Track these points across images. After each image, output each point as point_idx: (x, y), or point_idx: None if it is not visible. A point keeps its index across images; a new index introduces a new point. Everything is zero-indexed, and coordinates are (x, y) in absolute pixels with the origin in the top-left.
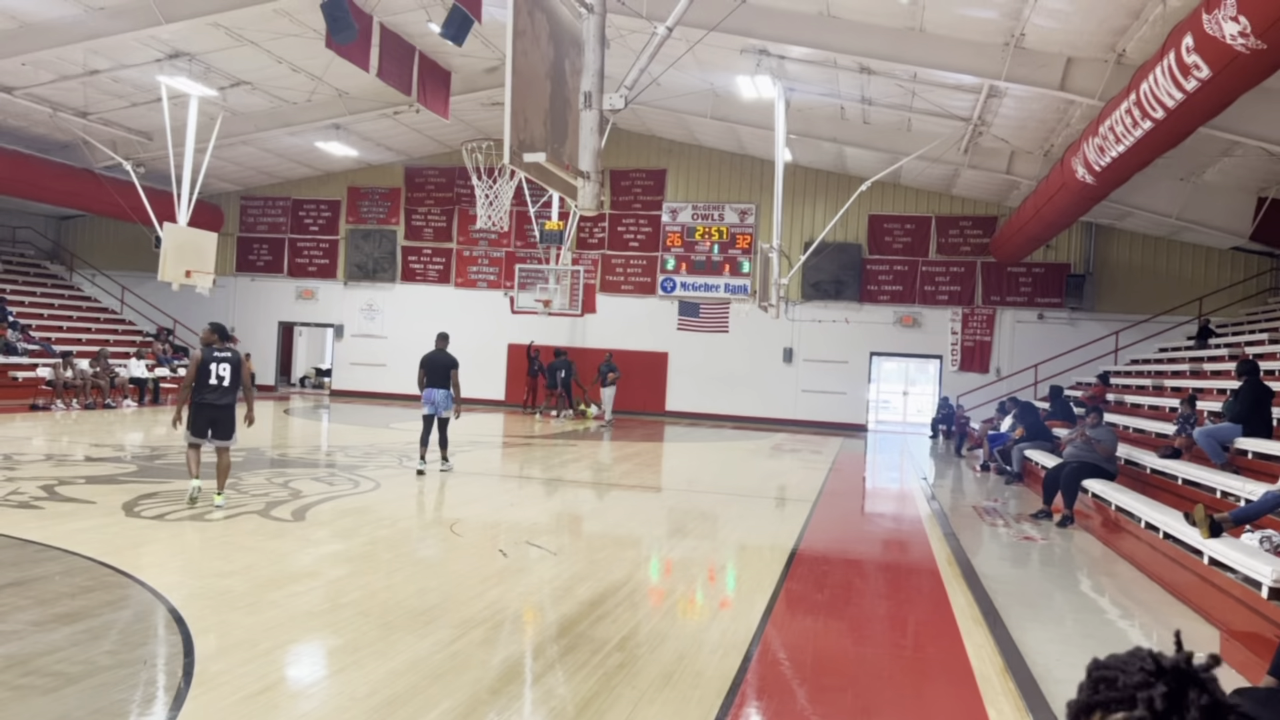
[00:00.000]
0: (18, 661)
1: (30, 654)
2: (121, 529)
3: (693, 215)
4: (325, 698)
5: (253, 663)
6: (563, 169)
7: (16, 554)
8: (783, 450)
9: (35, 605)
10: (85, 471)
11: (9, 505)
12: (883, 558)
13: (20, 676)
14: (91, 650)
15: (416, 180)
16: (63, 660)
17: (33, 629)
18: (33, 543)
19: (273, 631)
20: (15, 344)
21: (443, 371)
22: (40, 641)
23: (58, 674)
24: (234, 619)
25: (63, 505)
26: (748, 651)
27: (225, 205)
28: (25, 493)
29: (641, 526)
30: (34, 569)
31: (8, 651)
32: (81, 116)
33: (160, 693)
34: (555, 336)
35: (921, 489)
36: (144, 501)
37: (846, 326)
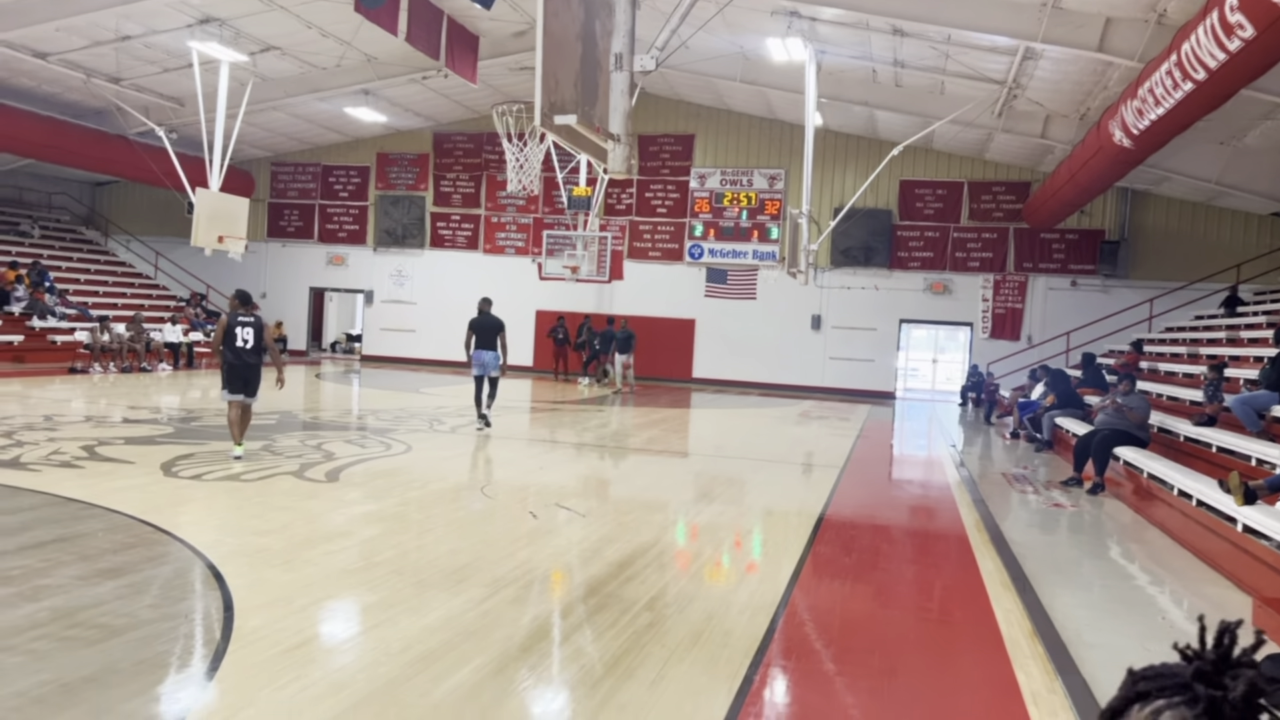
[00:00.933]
0: (64, 614)
1: (75, 607)
2: (160, 488)
3: (721, 181)
4: (360, 652)
5: (290, 618)
6: (593, 132)
7: (59, 511)
8: (810, 417)
9: (79, 561)
10: (123, 433)
11: (51, 464)
12: (911, 523)
13: (66, 628)
14: (134, 604)
15: (445, 146)
16: (107, 613)
17: (77, 583)
18: (75, 500)
19: (309, 588)
20: (53, 308)
21: (491, 334)
22: (85, 595)
23: (102, 626)
24: (271, 576)
25: (103, 465)
26: (775, 613)
27: (256, 171)
28: (66, 453)
29: (669, 491)
30: (77, 526)
31: (54, 604)
32: (114, 82)
33: (200, 645)
34: (582, 303)
35: (950, 456)
36: (181, 462)
37: (876, 293)
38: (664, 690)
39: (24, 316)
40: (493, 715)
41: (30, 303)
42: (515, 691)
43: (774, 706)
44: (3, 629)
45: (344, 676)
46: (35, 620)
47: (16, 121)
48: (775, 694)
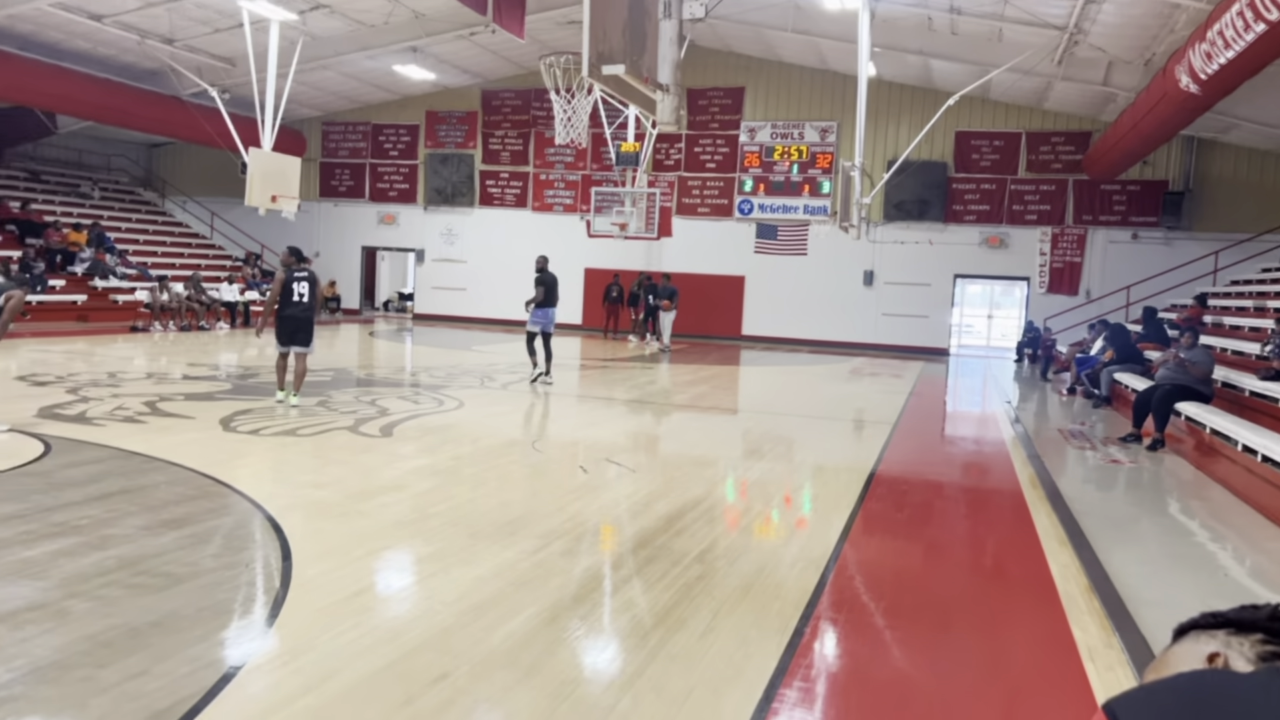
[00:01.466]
0: (130, 562)
1: (141, 556)
2: (220, 442)
3: (771, 134)
4: (415, 601)
5: (346, 568)
6: (641, 82)
7: (124, 464)
8: (862, 374)
9: (144, 511)
10: (184, 389)
11: (115, 420)
12: (964, 480)
13: (133, 576)
14: (197, 554)
15: (493, 103)
16: (171, 562)
17: (142, 533)
18: (139, 454)
19: (364, 539)
20: (114, 268)
21: (556, 291)
22: (149, 545)
23: (167, 575)
24: (327, 527)
25: (164, 420)
26: (826, 567)
27: (308, 131)
28: (129, 408)
29: (718, 447)
30: (141, 478)
31: (120, 553)
32: (168, 43)
33: (260, 593)
34: (631, 260)
35: (1005, 413)
36: (239, 417)
37: (930, 248)
38: (714, 641)
39: (87, 277)
40: (545, 663)
41: (92, 263)
42: (567, 640)
43: (824, 659)
44: (73, 576)
45: (399, 624)
46: (103, 568)
47: (74, 84)
48: (826, 646)
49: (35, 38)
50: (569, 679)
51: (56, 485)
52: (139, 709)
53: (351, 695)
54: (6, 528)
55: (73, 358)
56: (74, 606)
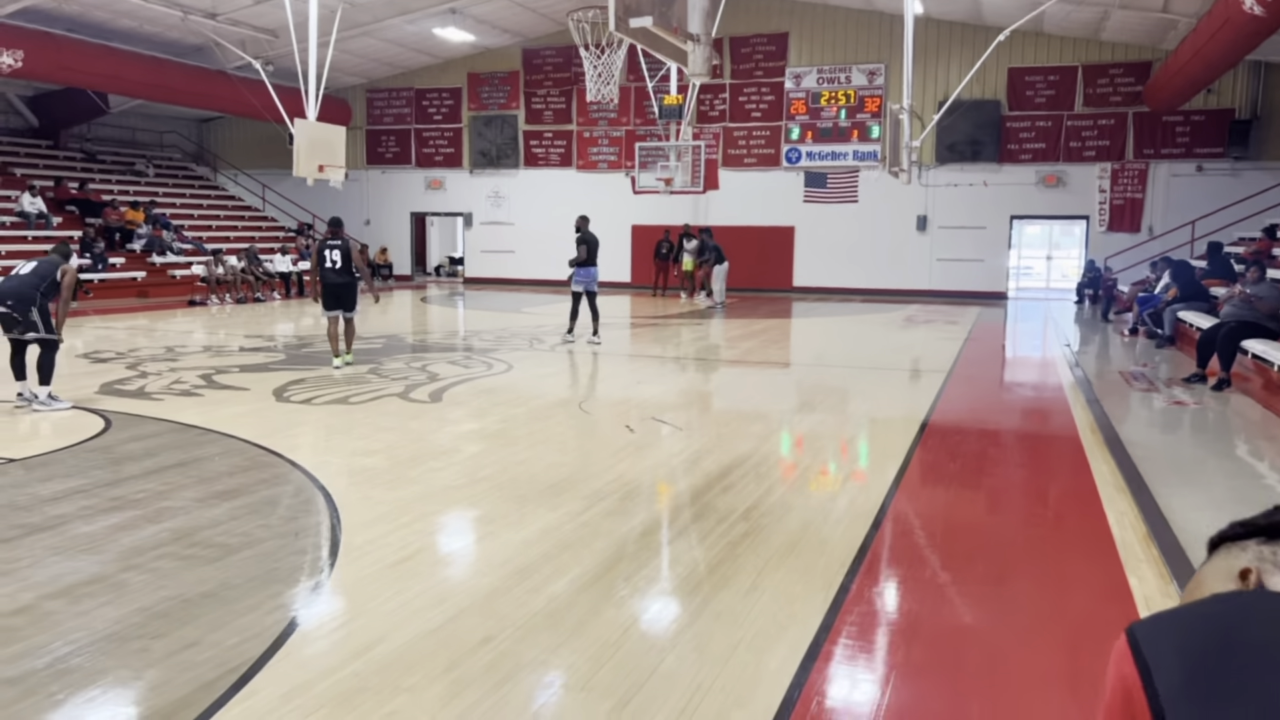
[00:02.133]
0: (184, 534)
1: (195, 527)
2: (273, 413)
3: (818, 80)
4: (462, 565)
5: (395, 534)
6: (671, 33)
7: (180, 437)
8: (916, 322)
9: (198, 483)
10: (239, 361)
11: (173, 393)
12: (1020, 427)
13: (187, 548)
14: (249, 524)
15: (534, 62)
16: (224, 533)
17: (196, 505)
18: (194, 427)
19: (413, 505)
20: (171, 244)
21: (597, 250)
22: (203, 516)
23: (220, 545)
24: (377, 494)
25: (220, 392)
26: (875, 520)
27: (352, 99)
28: (186, 381)
29: (768, 401)
30: (196, 450)
31: (175, 525)
32: (210, 18)
33: (310, 561)
34: (677, 215)
35: (1064, 356)
36: (293, 387)
37: (984, 189)
38: (759, 598)
39: (145, 253)
40: (589, 624)
41: (149, 240)
42: (612, 601)
43: (872, 613)
44: (130, 549)
45: (446, 589)
46: (158, 540)
47: (122, 62)
48: (874, 601)
49: (82, 19)
50: (611, 640)
51: (115, 460)
52: (191, 679)
53: (397, 661)
54: (68, 503)
55: (134, 334)
56: (130, 579)
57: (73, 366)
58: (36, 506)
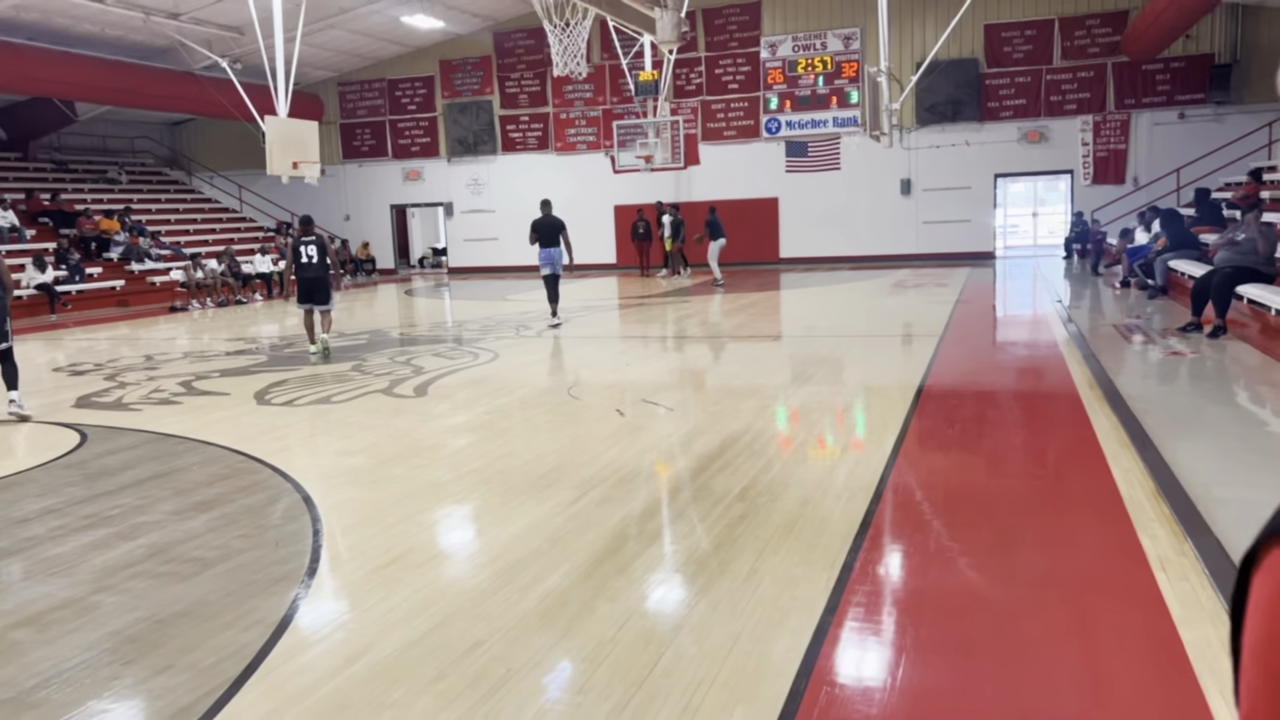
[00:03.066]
0: (159, 550)
1: (170, 542)
2: (254, 417)
3: (793, 48)
4: (449, 565)
5: (379, 537)
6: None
7: (158, 448)
8: (905, 286)
9: (175, 495)
10: (220, 365)
11: (151, 402)
12: (1017, 386)
13: (161, 565)
14: (226, 535)
15: (506, 46)
16: (200, 546)
17: (173, 518)
18: (173, 436)
19: (397, 505)
20: (149, 250)
21: (552, 233)
22: (179, 530)
23: (195, 560)
24: (359, 495)
25: (199, 399)
26: (876, 492)
27: (324, 94)
28: (165, 390)
29: (759, 376)
30: (174, 461)
31: (150, 541)
32: (173, 18)
33: (290, 571)
34: (660, 193)
35: (1057, 312)
36: (274, 390)
37: (967, 149)
38: (760, 583)
39: (123, 261)
40: (583, 622)
41: (126, 248)
42: (605, 595)
43: (878, 591)
44: (102, 569)
45: (431, 593)
46: (132, 558)
47: (85, 68)
48: (879, 578)
49: (43, 25)
50: (606, 638)
51: (90, 476)
52: (165, 706)
53: (382, 674)
54: (39, 524)
55: (115, 344)
56: (101, 601)
57: (49, 380)
58: (6, 529)
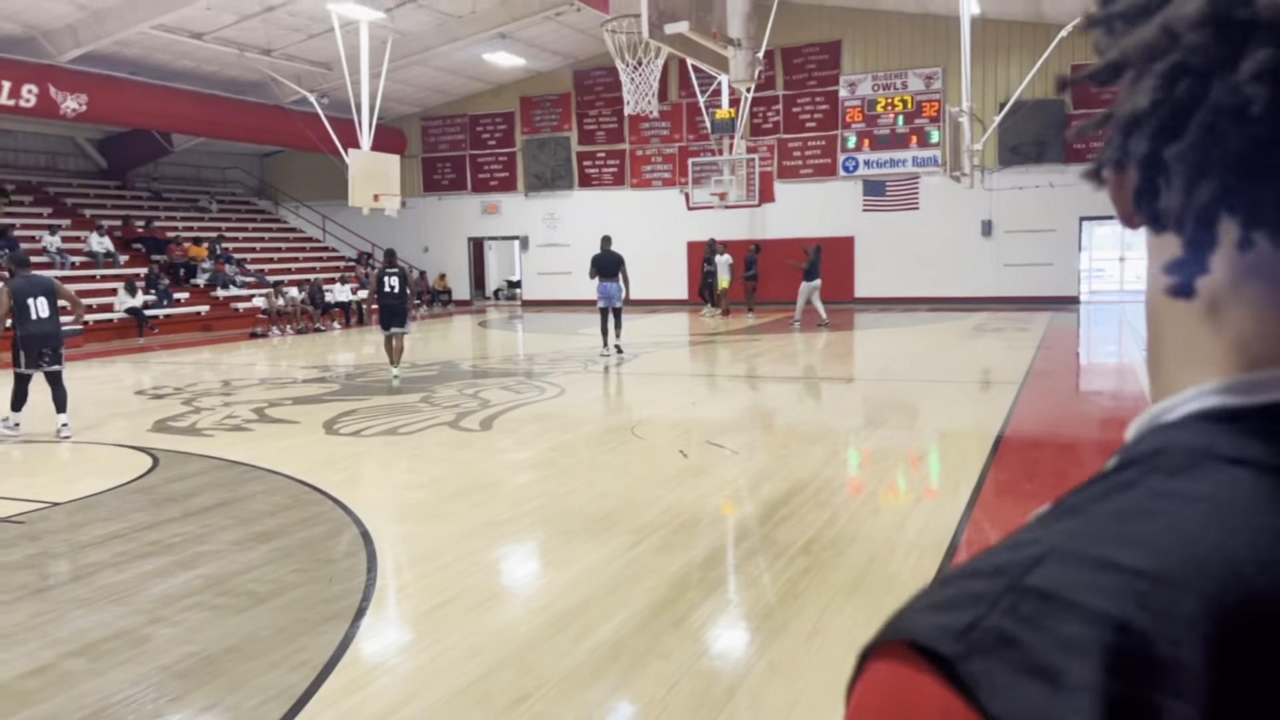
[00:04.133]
0: (215, 581)
1: (227, 573)
2: (321, 447)
3: (873, 87)
4: (499, 611)
5: (433, 575)
6: (709, 38)
7: (225, 475)
8: (984, 330)
9: (236, 525)
10: (293, 393)
11: (223, 429)
12: (1101, 439)
13: (216, 596)
14: (282, 569)
15: (585, 83)
16: (255, 579)
17: (232, 548)
18: (240, 464)
19: (455, 543)
20: (234, 277)
21: (613, 268)
22: (237, 561)
23: (249, 593)
24: (419, 531)
25: (270, 426)
26: (948, 551)
27: (407, 128)
28: (239, 416)
29: (831, 419)
30: (239, 489)
31: (207, 572)
32: (265, 54)
33: (342, 610)
34: (734, 230)
35: (1143, 362)
36: (343, 419)
37: (1051, 191)
38: (820, 645)
39: (209, 288)
40: (633, 680)
41: (213, 274)
42: (658, 651)
43: None
44: (159, 599)
45: (481, 639)
46: (189, 589)
47: (183, 102)
48: None
49: (143, 61)
50: (656, 699)
51: (157, 501)
52: None
53: None
54: (103, 549)
55: (198, 368)
56: (155, 633)
57: (133, 403)
58: (71, 554)
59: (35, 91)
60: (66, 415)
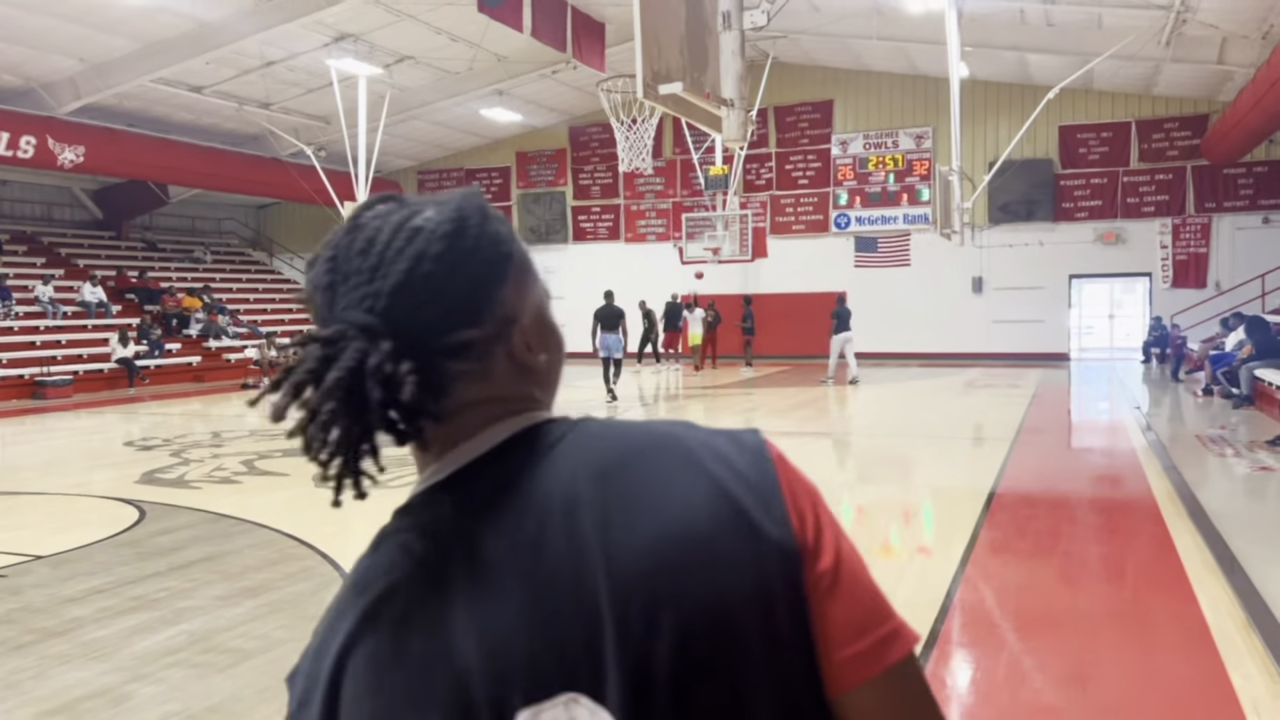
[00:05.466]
0: (200, 638)
1: (212, 630)
2: (310, 500)
3: (864, 145)
4: None
5: None
6: (703, 98)
7: (211, 529)
8: (976, 386)
9: (222, 579)
10: (283, 445)
11: (212, 481)
12: (1094, 496)
13: (200, 654)
14: (268, 624)
15: (580, 139)
16: (241, 635)
17: (217, 604)
18: (228, 517)
19: None
20: (226, 328)
21: (614, 321)
22: (222, 616)
23: (235, 650)
24: None
25: (259, 479)
26: (941, 608)
27: (404, 181)
28: (227, 468)
29: (820, 473)
30: (226, 544)
31: (192, 628)
32: (264, 108)
33: None
34: (727, 285)
35: (1135, 419)
36: None
37: (1040, 249)
38: None
39: (201, 338)
40: None
41: (205, 325)
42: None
43: None
44: (141, 655)
45: None
46: (172, 646)
47: (181, 154)
48: (943, 703)
49: (143, 114)
50: None
51: (143, 555)
52: None
53: None
54: (87, 604)
55: (188, 419)
56: (136, 691)
57: (120, 454)
58: (53, 609)
59: (33, 143)
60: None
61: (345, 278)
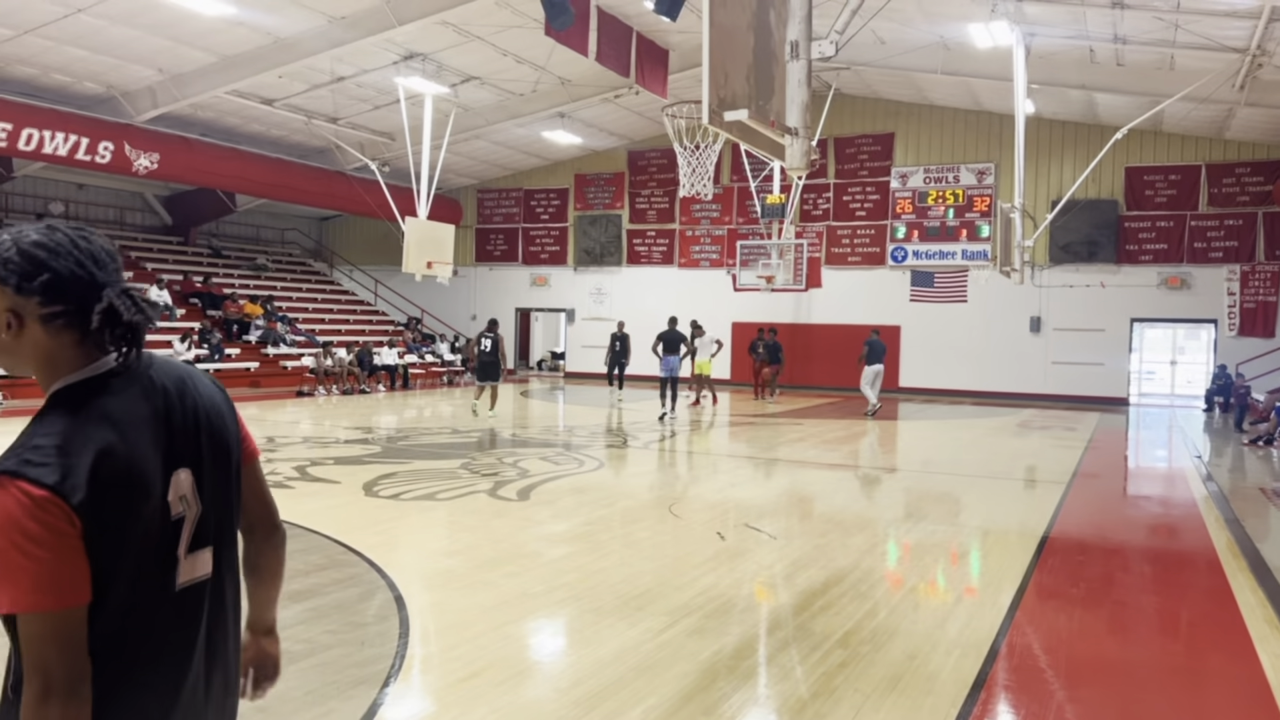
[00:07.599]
0: None
1: None
2: (359, 508)
3: (924, 179)
4: (528, 687)
5: (463, 646)
6: (768, 126)
7: None
8: (1031, 427)
9: None
10: (336, 453)
11: None
12: (1149, 545)
13: None
14: (315, 629)
15: (639, 163)
16: (288, 639)
17: None
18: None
19: (486, 614)
20: (284, 336)
21: (675, 344)
22: None
23: (282, 652)
24: (450, 599)
25: (311, 485)
26: (990, 651)
27: (464, 199)
28: (280, 473)
29: (872, 509)
30: None
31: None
32: (332, 122)
33: (371, 675)
34: (779, 313)
35: (1195, 468)
36: (383, 481)
37: (1102, 291)
38: None
39: (260, 344)
40: None
41: (265, 332)
42: None
43: None
44: None
45: (506, 715)
46: None
47: (250, 165)
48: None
49: (215, 124)
50: None
51: None
52: None
53: None
54: None
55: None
56: None
57: None
58: None
59: (111, 148)
60: None
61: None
